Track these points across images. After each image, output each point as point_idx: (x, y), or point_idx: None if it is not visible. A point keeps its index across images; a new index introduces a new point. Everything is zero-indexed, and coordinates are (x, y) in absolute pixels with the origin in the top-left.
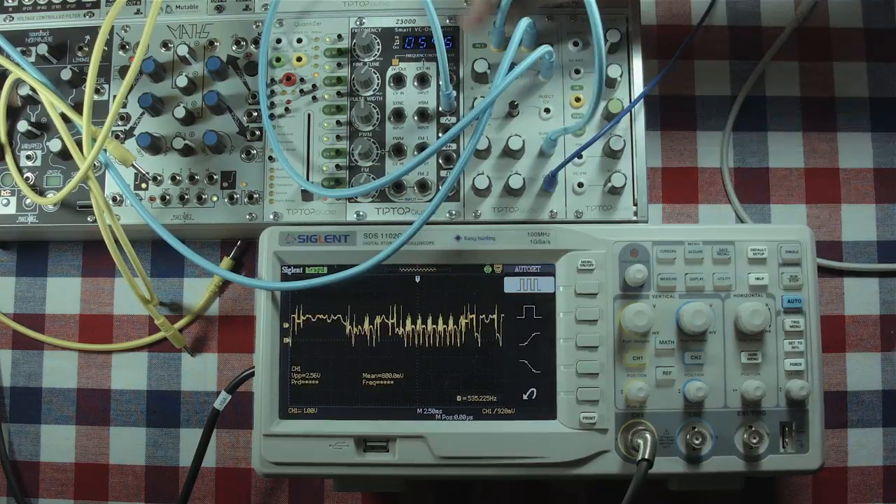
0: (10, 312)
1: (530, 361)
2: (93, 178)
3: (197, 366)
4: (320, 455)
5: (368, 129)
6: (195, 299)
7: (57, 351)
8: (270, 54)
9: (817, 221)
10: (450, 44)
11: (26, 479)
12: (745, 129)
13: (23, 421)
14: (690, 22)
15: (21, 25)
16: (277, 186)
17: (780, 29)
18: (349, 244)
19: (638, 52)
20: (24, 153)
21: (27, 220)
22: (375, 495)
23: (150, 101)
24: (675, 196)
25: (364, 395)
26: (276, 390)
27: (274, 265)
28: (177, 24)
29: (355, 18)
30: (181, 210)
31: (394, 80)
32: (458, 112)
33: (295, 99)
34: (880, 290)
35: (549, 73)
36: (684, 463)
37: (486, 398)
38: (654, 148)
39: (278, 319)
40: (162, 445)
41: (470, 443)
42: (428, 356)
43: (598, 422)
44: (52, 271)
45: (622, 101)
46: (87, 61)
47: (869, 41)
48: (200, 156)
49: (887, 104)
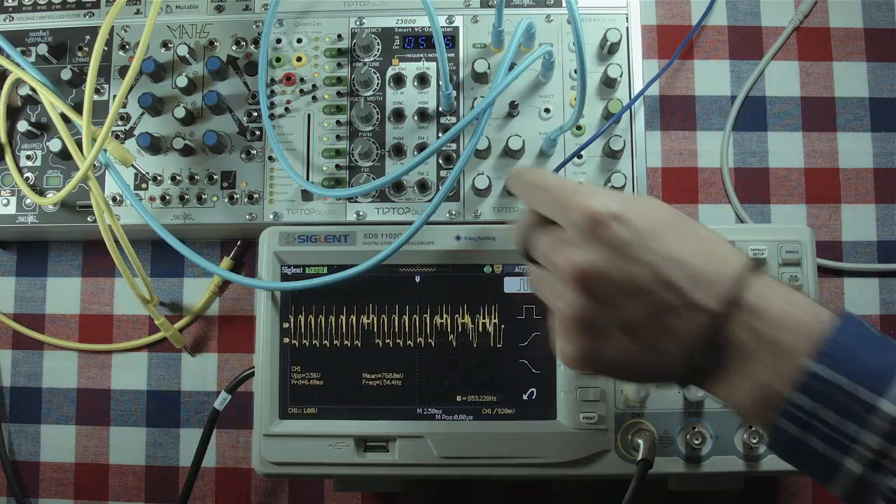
0: (10, 312)
1: (530, 361)
2: (93, 179)
3: (197, 366)
4: (320, 455)
5: (368, 129)
6: (195, 299)
7: (57, 351)
8: (270, 54)
9: (817, 221)
10: (450, 44)
11: (26, 479)
12: (745, 129)
13: (23, 421)
14: (690, 22)
15: (21, 25)
16: (277, 186)
17: (780, 29)
18: (349, 244)
19: (638, 52)
20: (24, 153)
21: (27, 220)
22: (375, 495)
23: (150, 101)
24: (675, 196)
25: (364, 395)
26: (276, 390)
27: (274, 265)
28: (177, 24)
29: (355, 18)
30: (181, 210)
31: (394, 80)
32: (458, 112)
33: (295, 99)
34: (880, 290)
35: (549, 73)
36: (684, 463)
37: (486, 398)
38: (654, 148)
39: (278, 319)
40: (162, 445)
41: (470, 443)
42: (428, 356)
43: (598, 422)
44: (52, 271)
45: (622, 100)
46: (87, 61)
47: (869, 41)
48: (200, 156)
49: (887, 104)
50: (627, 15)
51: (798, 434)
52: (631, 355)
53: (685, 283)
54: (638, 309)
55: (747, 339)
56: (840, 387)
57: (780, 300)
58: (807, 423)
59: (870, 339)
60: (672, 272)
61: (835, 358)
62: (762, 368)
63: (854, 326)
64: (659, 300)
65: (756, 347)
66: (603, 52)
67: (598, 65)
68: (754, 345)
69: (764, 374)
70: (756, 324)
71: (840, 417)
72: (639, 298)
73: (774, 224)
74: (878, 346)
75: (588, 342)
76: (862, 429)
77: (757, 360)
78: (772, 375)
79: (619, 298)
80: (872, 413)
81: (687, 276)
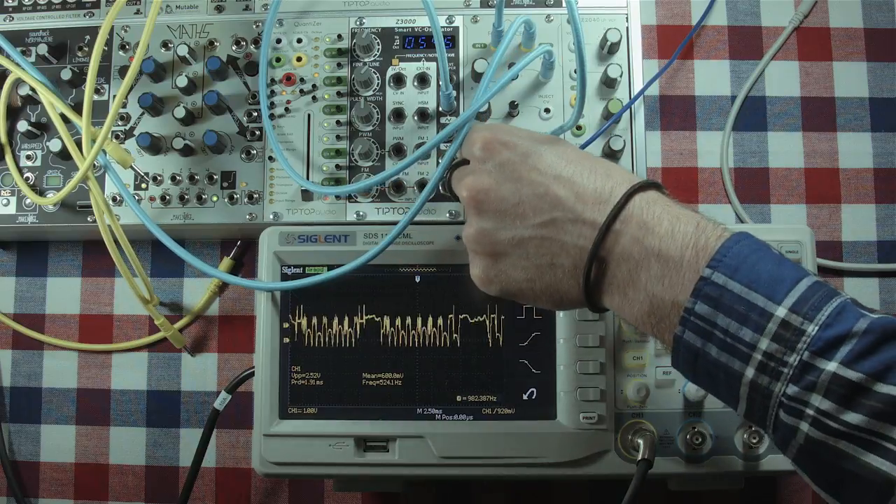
0: (10, 312)
1: (530, 361)
2: (92, 179)
3: (197, 366)
4: (320, 455)
5: (368, 129)
6: (195, 299)
7: (57, 351)
8: (270, 54)
9: (817, 221)
10: (450, 44)
11: (26, 479)
12: (745, 129)
13: (23, 421)
14: (690, 22)
15: (21, 25)
16: (277, 186)
17: (780, 29)
18: (349, 244)
19: (638, 52)
20: (24, 153)
21: (27, 220)
22: (375, 495)
23: (150, 101)
24: (675, 196)
25: (364, 395)
26: (276, 390)
27: (274, 265)
28: (177, 24)
29: (355, 18)
30: (181, 210)
31: (394, 80)
32: (457, 112)
33: (295, 99)
34: (880, 290)
35: (549, 73)
36: (684, 463)
37: (486, 398)
38: (654, 148)
39: (278, 319)
40: (162, 445)
41: (470, 443)
42: (428, 356)
43: (598, 422)
44: (52, 271)
45: (622, 100)
46: (87, 61)
47: (869, 41)
48: (200, 156)
49: (887, 104)
50: (627, 15)
51: (699, 343)
52: (528, 273)
53: (569, 198)
54: (528, 226)
55: (634, 251)
56: (736, 294)
57: (665, 213)
58: (706, 331)
59: (764, 251)
60: (557, 189)
61: (730, 266)
62: (652, 279)
63: (748, 240)
64: (546, 216)
65: (643, 258)
66: (603, 52)
67: (598, 65)
68: (641, 255)
69: (654, 284)
70: (640, 235)
71: (738, 325)
72: (528, 215)
73: (774, 224)
74: (772, 258)
75: (489, 261)
76: (759, 335)
77: (646, 270)
78: (662, 286)
79: (509, 216)
80: (769, 319)
81: (571, 192)
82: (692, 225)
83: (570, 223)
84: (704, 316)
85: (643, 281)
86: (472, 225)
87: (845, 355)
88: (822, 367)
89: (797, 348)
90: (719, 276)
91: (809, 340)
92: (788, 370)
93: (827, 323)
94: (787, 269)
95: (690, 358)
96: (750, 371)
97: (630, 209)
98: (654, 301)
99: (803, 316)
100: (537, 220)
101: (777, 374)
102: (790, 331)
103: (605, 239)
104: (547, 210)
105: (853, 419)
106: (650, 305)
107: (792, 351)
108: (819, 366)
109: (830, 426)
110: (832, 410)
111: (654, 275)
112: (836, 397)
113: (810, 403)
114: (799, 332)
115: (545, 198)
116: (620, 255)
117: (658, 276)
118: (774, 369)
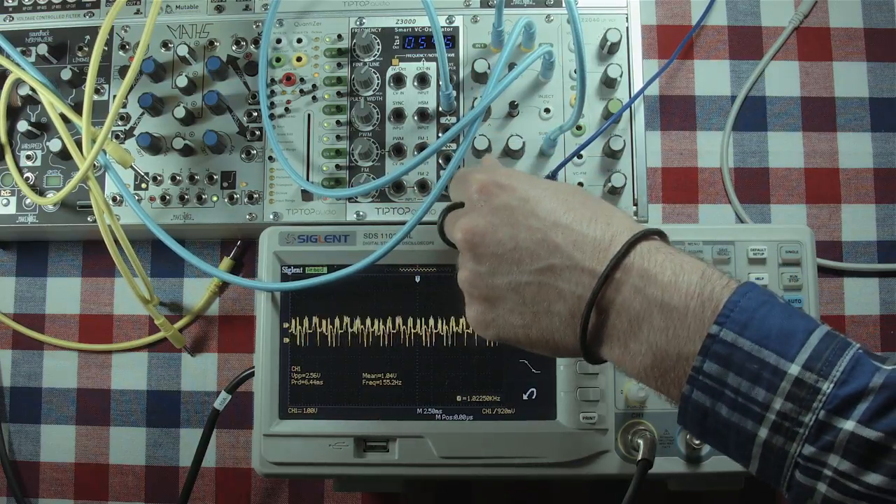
0: (10, 312)
1: (530, 361)
2: (92, 179)
3: (197, 366)
4: (320, 455)
5: (368, 129)
6: (195, 299)
7: (57, 351)
8: (270, 54)
9: (817, 221)
10: (450, 44)
11: (26, 479)
12: (745, 129)
13: (23, 421)
14: (690, 22)
15: (21, 25)
16: (277, 186)
17: (780, 29)
18: (349, 244)
19: (638, 52)
20: (24, 153)
21: (27, 220)
22: (375, 495)
23: (150, 101)
24: (675, 196)
25: (364, 395)
26: (276, 390)
27: (274, 265)
28: (177, 24)
29: (355, 18)
30: (181, 210)
31: (394, 80)
32: (458, 112)
33: (295, 99)
34: (880, 290)
35: (549, 73)
36: (684, 463)
37: (486, 398)
38: (654, 148)
39: (278, 319)
40: (162, 445)
41: (470, 443)
42: (428, 356)
43: (598, 422)
44: (52, 271)
45: (622, 100)
46: (87, 61)
47: (869, 41)
48: (200, 156)
49: (887, 104)
50: (627, 15)
51: (708, 403)
52: (525, 318)
53: (568, 246)
54: (525, 272)
55: (635, 301)
56: (747, 352)
57: (668, 262)
58: (716, 391)
59: (772, 303)
60: (555, 236)
61: (738, 321)
62: (655, 331)
63: (755, 291)
64: (544, 262)
65: (645, 309)
66: (603, 52)
67: (598, 65)
68: (643, 306)
69: (658, 336)
70: (642, 284)
71: (750, 384)
72: (525, 261)
73: (774, 224)
74: (781, 309)
75: (485, 306)
76: (772, 394)
77: (649, 321)
78: (666, 338)
79: (505, 260)
80: (782, 378)
81: (570, 239)
82: (696, 274)
83: (569, 270)
84: (714, 375)
85: (645, 332)
86: (467, 268)
87: (862, 413)
88: (840, 427)
89: (813, 407)
90: (728, 334)
91: (825, 399)
92: (804, 430)
93: (842, 380)
94: (796, 320)
95: (699, 417)
96: (763, 431)
97: (632, 258)
98: (658, 354)
99: (817, 373)
100: (534, 266)
101: (792, 435)
102: (805, 389)
103: (604, 288)
104: (545, 256)
105: (874, 480)
106: (653, 358)
107: (807, 410)
108: (836, 425)
109: (851, 487)
110: (851, 471)
111: (658, 326)
112: (855, 458)
113: (828, 464)
114: (814, 391)
115: (543, 244)
116: (621, 306)
117: (661, 327)
118: (789, 429)
